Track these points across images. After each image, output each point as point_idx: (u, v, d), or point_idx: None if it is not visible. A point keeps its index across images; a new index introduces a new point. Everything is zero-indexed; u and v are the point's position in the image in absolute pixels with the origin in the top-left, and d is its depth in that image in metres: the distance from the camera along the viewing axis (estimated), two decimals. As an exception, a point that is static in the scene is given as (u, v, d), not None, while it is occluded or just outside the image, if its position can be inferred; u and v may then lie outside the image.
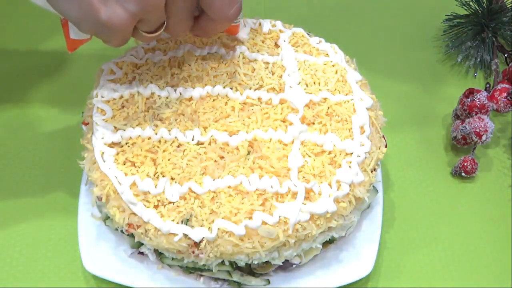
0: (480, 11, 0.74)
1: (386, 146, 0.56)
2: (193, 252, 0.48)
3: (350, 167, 0.51)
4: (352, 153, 0.52)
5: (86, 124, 0.54)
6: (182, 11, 0.47)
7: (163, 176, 0.49)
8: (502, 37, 0.74)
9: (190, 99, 0.54)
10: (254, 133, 0.52)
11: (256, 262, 0.49)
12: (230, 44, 0.58)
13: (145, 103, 0.54)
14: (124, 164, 0.50)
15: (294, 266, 0.53)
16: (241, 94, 0.54)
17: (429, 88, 0.72)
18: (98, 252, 0.54)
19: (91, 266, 0.52)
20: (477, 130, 0.62)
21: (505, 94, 0.64)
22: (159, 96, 0.54)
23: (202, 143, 0.51)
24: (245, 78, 0.55)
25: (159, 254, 0.52)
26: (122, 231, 0.50)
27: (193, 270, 0.52)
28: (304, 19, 0.73)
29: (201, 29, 0.51)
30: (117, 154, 0.51)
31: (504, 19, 0.73)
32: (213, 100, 0.54)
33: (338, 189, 0.50)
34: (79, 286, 0.55)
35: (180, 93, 0.54)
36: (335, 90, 0.56)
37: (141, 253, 0.54)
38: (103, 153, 0.51)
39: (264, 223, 0.47)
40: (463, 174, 0.63)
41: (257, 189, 0.49)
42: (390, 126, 0.60)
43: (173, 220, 0.47)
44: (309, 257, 0.53)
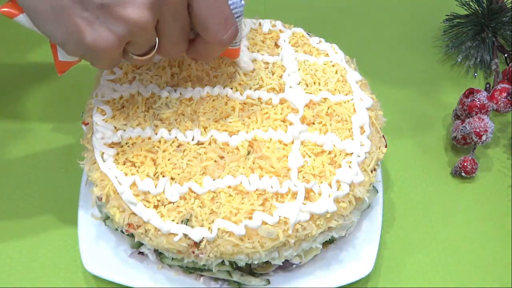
0: (480, 11, 0.74)
1: (386, 146, 0.56)
2: (193, 252, 0.48)
3: (350, 167, 0.51)
4: (352, 153, 0.52)
5: (86, 124, 0.54)
6: (175, 34, 0.45)
7: (163, 176, 0.49)
8: (502, 37, 0.74)
9: (190, 99, 0.54)
10: (254, 133, 0.52)
11: (256, 262, 0.49)
12: (230, 44, 0.58)
13: (145, 103, 0.54)
14: (124, 164, 0.50)
15: (294, 266, 0.53)
16: (241, 94, 0.54)
17: (429, 88, 0.72)
18: (98, 252, 0.54)
19: (91, 266, 0.52)
20: (477, 130, 0.62)
21: (505, 94, 0.64)
22: (159, 96, 0.54)
23: (202, 143, 0.51)
24: (245, 78, 0.55)
25: (159, 254, 0.52)
26: (122, 231, 0.50)
27: (193, 270, 0.52)
28: (304, 19, 0.73)
29: (196, 52, 0.49)
30: (117, 154, 0.51)
31: (504, 19, 0.73)
32: (213, 100, 0.54)
33: (338, 189, 0.50)
34: (79, 286, 0.55)
35: (180, 93, 0.54)
36: (335, 90, 0.56)
37: (141, 253, 0.54)
38: (103, 153, 0.51)
39: (264, 223, 0.47)
40: (463, 174, 0.63)
41: (257, 189, 0.49)
42: (390, 126, 0.60)
43: (173, 220, 0.47)
44: (309, 257, 0.53)
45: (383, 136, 0.55)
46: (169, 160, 0.50)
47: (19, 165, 0.62)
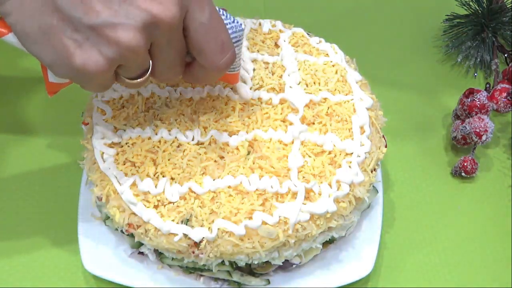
0: (480, 11, 0.74)
1: (386, 146, 0.56)
2: (193, 252, 0.48)
3: (350, 167, 0.51)
4: (352, 153, 0.52)
5: (86, 124, 0.54)
6: (169, 58, 0.43)
7: (163, 176, 0.49)
8: (502, 37, 0.74)
9: (190, 99, 0.54)
10: (254, 133, 0.52)
11: (256, 262, 0.49)
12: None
13: (145, 103, 0.54)
14: (124, 164, 0.50)
15: (294, 266, 0.53)
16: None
17: (429, 88, 0.72)
18: (98, 252, 0.54)
19: (91, 266, 0.52)
20: (477, 130, 0.62)
21: (505, 94, 0.64)
22: (159, 96, 0.54)
23: (202, 143, 0.51)
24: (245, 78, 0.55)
25: (159, 254, 0.52)
26: (122, 231, 0.50)
27: (193, 270, 0.52)
28: (304, 19, 0.73)
29: (192, 76, 0.47)
30: (117, 154, 0.51)
31: (504, 19, 0.73)
32: (213, 100, 0.54)
33: (338, 189, 0.50)
34: (79, 286, 0.55)
35: (180, 93, 0.54)
36: (335, 90, 0.56)
37: (141, 253, 0.54)
38: (103, 153, 0.51)
39: (264, 223, 0.47)
40: (463, 174, 0.63)
41: (257, 189, 0.49)
42: (390, 126, 0.59)
43: (173, 220, 0.47)
44: (309, 257, 0.53)
45: (383, 136, 0.55)
46: (169, 160, 0.50)
47: (19, 165, 0.62)
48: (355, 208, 0.52)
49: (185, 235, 0.47)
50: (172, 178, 0.49)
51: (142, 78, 0.43)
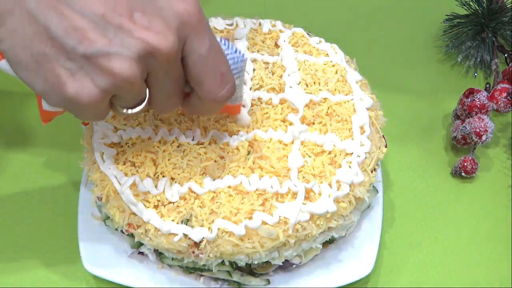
0: (480, 11, 0.74)
1: (386, 146, 0.56)
2: (193, 252, 0.48)
3: (350, 167, 0.51)
4: (352, 153, 0.52)
5: (86, 124, 0.54)
6: (166, 88, 0.41)
7: (163, 176, 0.49)
8: (502, 37, 0.74)
9: (190, 99, 0.54)
10: (254, 133, 0.52)
11: (256, 262, 0.49)
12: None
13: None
14: (124, 164, 0.50)
15: (294, 266, 0.53)
16: (241, 94, 0.54)
17: (429, 88, 0.72)
18: (98, 252, 0.54)
19: (91, 266, 0.52)
20: (477, 130, 0.62)
21: (505, 94, 0.64)
22: (159, 96, 0.54)
23: (202, 143, 0.51)
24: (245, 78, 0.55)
25: (159, 254, 0.52)
26: (122, 231, 0.50)
27: (193, 270, 0.52)
28: (304, 19, 0.73)
29: (191, 107, 0.45)
30: (117, 154, 0.51)
31: (504, 19, 0.73)
32: (213, 100, 0.54)
33: (338, 189, 0.50)
34: (79, 286, 0.55)
35: (180, 93, 0.54)
36: (335, 90, 0.56)
37: (141, 253, 0.54)
38: (103, 153, 0.51)
39: (264, 223, 0.47)
40: (463, 174, 0.63)
41: (257, 189, 0.49)
42: (390, 126, 0.60)
43: (173, 220, 0.47)
44: (309, 257, 0.53)
45: (383, 136, 0.56)
46: (169, 160, 0.50)
47: (19, 165, 0.62)
48: (355, 208, 0.52)
49: (185, 235, 0.47)
50: (172, 178, 0.49)
51: (139, 108, 0.42)
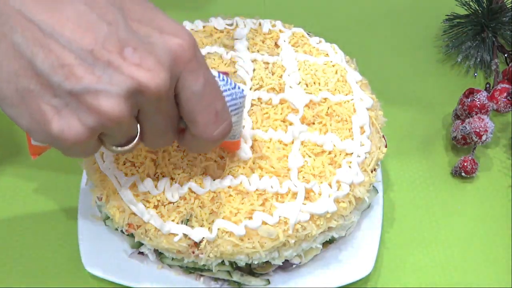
0: (480, 11, 0.74)
1: (386, 146, 0.56)
2: (193, 252, 0.48)
3: (350, 167, 0.51)
4: (352, 153, 0.52)
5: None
6: (158, 126, 0.40)
7: (163, 176, 0.49)
8: (502, 37, 0.74)
9: (190, 99, 0.54)
10: (254, 133, 0.52)
11: (256, 262, 0.49)
12: (230, 44, 0.58)
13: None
14: (124, 164, 0.50)
15: (294, 266, 0.53)
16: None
17: (429, 88, 0.72)
18: (98, 252, 0.54)
19: (91, 266, 0.52)
20: (477, 130, 0.62)
21: (505, 94, 0.64)
22: (159, 96, 0.54)
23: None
24: (245, 79, 0.55)
25: (159, 254, 0.52)
26: (122, 231, 0.50)
27: (193, 270, 0.52)
28: (304, 19, 0.73)
29: (186, 144, 0.43)
30: (117, 154, 0.51)
31: (504, 19, 0.73)
32: (213, 100, 0.54)
33: (338, 189, 0.50)
34: (79, 286, 0.55)
35: (180, 93, 0.54)
36: (335, 90, 0.56)
37: (141, 253, 0.54)
38: (103, 153, 0.51)
39: (264, 223, 0.47)
40: (463, 174, 0.63)
41: (257, 189, 0.49)
42: (390, 126, 0.60)
43: (173, 220, 0.47)
44: (309, 257, 0.53)
45: (383, 136, 0.56)
46: (169, 160, 0.50)
47: (19, 165, 0.62)
48: (355, 208, 0.52)
49: (185, 235, 0.47)
50: (172, 178, 0.49)
51: (130, 146, 0.40)
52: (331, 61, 0.58)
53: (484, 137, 0.62)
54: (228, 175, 0.49)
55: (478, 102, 0.63)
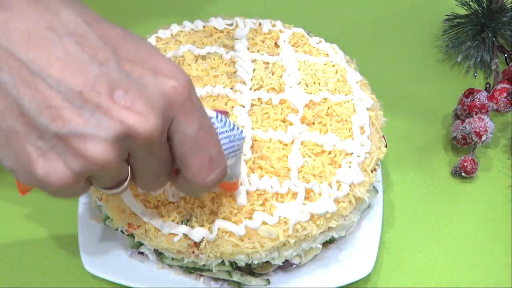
0: (480, 11, 0.74)
1: (386, 146, 0.56)
2: (193, 252, 0.48)
3: (350, 167, 0.51)
4: (352, 153, 0.52)
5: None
6: (150, 169, 0.38)
7: (163, 176, 0.49)
8: (502, 37, 0.74)
9: (190, 99, 0.54)
10: (254, 133, 0.52)
11: (256, 262, 0.49)
12: (230, 44, 0.58)
13: (145, 103, 0.54)
14: (124, 164, 0.50)
15: (294, 266, 0.53)
16: (241, 94, 0.54)
17: (429, 88, 0.72)
18: (98, 252, 0.54)
19: (91, 266, 0.52)
20: (477, 130, 0.62)
21: (505, 94, 0.64)
22: (159, 96, 0.54)
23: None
24: (246, 78, 0.55)
25: (159, 254, 0.52)
26: (122, 231, 0.50)
27: (193, 270, 0.52)
28: (304, 19, 0.73)
29: (180, 187, 0.41)
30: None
31: (504, 19, 0.73)
32: (213, 100, 0.54)
33: (338, 189, 0.50)
34: (79, 286, 0.55)
35: (180, 93, 0.54)
36: (335, 90, 0.56)
37: (141, 253, 0.54)
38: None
39: (264, 223, 0.47)
40: (463, 174, 0.63)
41: (257, 189, 0.49)
42: (390, 126, 0.59)
43: (173, 220, 0.47)
44: (309, 257, 0.53)
45: (383, 136, 0.56)
46: (169, 160, 0.50)
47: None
48: (355, 208, 0.52)
49: (185, 235, 0.47)
50: (172, 178, 0.49)
51: (120, 189, 0.38)
52: (331, 61, 0.58)
53: (484, 137, 0.62)
54: (228, 175, 0.49)
55: (478, 102, 0.63)
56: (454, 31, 0.75)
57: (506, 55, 0.73)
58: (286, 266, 0.53)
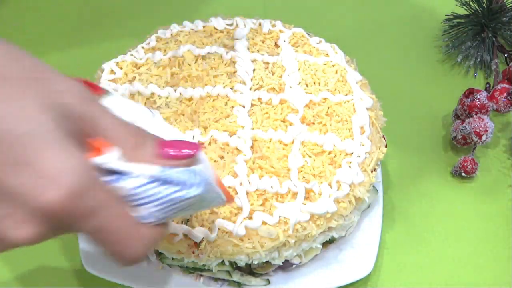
0: (480, 11, 0.74)
1: (386, 146, 0.56)
2: (193, 252, 0.48)
3: (350, 167, 0.51)
4: (352, 153, 0.52)
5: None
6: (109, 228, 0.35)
7: (163, 176, 0.49)
8: (502, 37, 0.74)
9: (190, 99, 0.54)
10: (254, 133, 0.52)
11: (256, 262, 0.49)
12: (230, 44, 0.58)
13: (145, 103, 0.54)
14: (124, 164, 0.50)
15: (294, 266, 0.53)
16: (241, 94, 0.54)
17: (429, 88, 0.72)
18: (98, 252, 0.54)
19: (91, 266, 0.52)
20: (477, 130, 0.61)
21: (505, 94, 0.64)
22: (159, 96, 0.54)
23: (202, 143, 0.51)
24: (246, 78, 0.55)
25: (159, 254, 0.52)
26: (122, 231, 0.50)
27: (193, 270, 0.52)
28: (304, 19, 0.73)
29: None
30: (117, 154, 0.51)
31: (504, 19, 0.73)
32: (213, 100, 0.54)
33: (338, 189, 0.50)
34: (79, 286, 0.55)
35: (180, 93, 0.54)
36: (335, 90, 0.56)
37: (141, 253, 0.53)
38: (103, 153, 0.51)
39: (264, 223, 0.47)
40: (463, 174, 0.63)
41: (257, 189, 0.49)
42: (390, 126, 0.59)
43: (173, 220, 0.47)
44: (309, 257, 0.53)
45: (383, 136, 0.56)
46: (169, 160, 0.50)
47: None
48: (355, 208, 0.52)
49: (185, 235, 0.47)
50: (172, 178, 0.49)
51: None
52: (331, 61, 0.58)
53: (484, 137, 0.62)
54: (228, 175, 0.49)
55: (478, 102, 0.63)
56: (454, 31, 0.75)
57: (506, 55, 0.73)
58: (286, 266, 0.52)
